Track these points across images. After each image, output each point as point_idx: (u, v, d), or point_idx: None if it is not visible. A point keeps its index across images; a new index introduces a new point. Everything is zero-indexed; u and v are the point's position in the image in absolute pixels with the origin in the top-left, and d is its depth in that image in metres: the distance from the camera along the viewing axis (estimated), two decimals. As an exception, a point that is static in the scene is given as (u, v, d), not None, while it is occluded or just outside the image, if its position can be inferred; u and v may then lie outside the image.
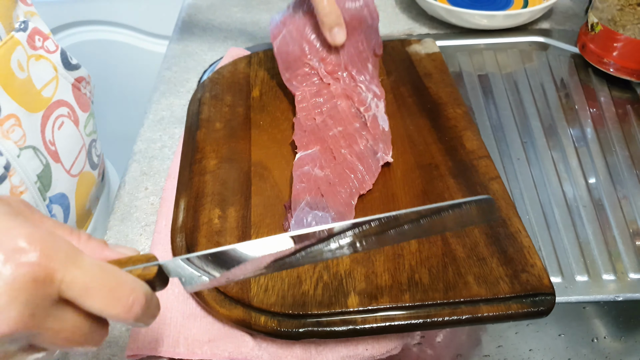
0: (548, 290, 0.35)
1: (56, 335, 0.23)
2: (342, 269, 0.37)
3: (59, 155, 0.41)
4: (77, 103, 0.44)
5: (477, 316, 0.35)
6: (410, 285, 0.36)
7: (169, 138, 0.53)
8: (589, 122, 0.52)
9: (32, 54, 0.39)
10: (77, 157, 0.44)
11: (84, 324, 0.24)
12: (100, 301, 0.23)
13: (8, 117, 0.36)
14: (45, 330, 0.23)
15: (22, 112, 0.37)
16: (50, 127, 0.40)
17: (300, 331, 0.35)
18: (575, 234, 0.43)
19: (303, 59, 0.49)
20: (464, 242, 0.38)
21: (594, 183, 0.47)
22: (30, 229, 0.22)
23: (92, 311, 0.23)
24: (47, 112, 0.40)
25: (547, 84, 0.57)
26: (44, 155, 0.40)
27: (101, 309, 0.23)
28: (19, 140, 0.37)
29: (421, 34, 0.65)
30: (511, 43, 0.63)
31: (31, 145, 0.38)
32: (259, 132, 0.49)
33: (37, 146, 0.39)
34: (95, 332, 0.25)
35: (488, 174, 0.43)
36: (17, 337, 0.22)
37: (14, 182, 0.37)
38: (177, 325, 0.37)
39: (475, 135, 0.47)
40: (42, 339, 0.23)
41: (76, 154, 0.44)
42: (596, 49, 0.56)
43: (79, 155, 0.44)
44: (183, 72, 0.61)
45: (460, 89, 0.56)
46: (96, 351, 0.38)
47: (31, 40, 0.39)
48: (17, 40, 0.38)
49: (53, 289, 0.22)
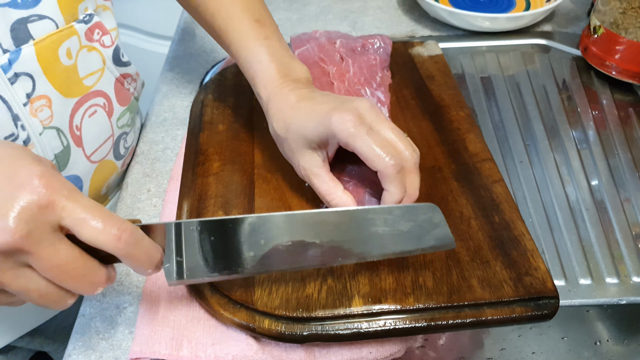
0: (552, 293, 0.35)
1: (50, 261, 0.26)
2: (346, 272, 0.37)
3: (82, 141, 0.43)
4: (116, 96, 0.45)
5: (481, 319, 0.35)
6: (415, 288, 0.36)
7: (171, 140, 0.53)
8: (591, 124, 0.53)
9: (86, 45, 0.41)
10: (101, 146, 0.45)
11: (77, 257, 0.27)
12: (93, 229, 0.27)
13: (40, 97, 0.38)
14: (39, 251, 0.26)
15: (55, 95, 0.39)
16: (81, 113, 0.41)
17: (305, 334, 0.35)
18: (578, 237, 0.43)
19: (320, 63, 0.52)
20: (468, 245, 0.38)
21: (596, 185, 0.47)
22: (44, 168, 0.26)
23: (85, 238, 0.27)
24: (83, 99, 0.42)
25: (549, 87, 0.57)
26: (66, 137, 0.41)
27: (93, 235, 0.27)
28: (46, 119, 0.39)
29: (424, 36, 0.65)
30: (513, 45, 0.63)
31: (56, 126, 0.40)
32: (262, 134, 0.49)
33: (62, 128, 0.40)
34: (89, 270, 0.28)
35: (491, 176, 0.43)
36: (11, 250, 0.25)
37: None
38: (181, 328, 0.37)
39: (478, 138, 0.47)
40: (37, 264, 0.26)
41: (101, 143, 0.45)
42: (598, 51, 0.56)
43: (104, 144, 0.45)
44: (185, 74, 0.61)
45: (463, 91, 0.56)
46: (99, 354, 0.38)
47: (90, 33, 0.41)
48: (75, 31, 0.39)
49: (53, 216, 0.26)
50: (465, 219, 0.40)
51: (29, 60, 0.37)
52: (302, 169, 0.40)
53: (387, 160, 0.35)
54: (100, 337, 0.38)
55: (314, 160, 0.39)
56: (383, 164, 0.35)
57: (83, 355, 0.37)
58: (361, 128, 0.35)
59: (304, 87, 0.41)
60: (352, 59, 0.52)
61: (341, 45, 0.54)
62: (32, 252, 0.26)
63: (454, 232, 0.39)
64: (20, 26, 0.36)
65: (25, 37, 0.36)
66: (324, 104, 0.38)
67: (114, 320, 0.39)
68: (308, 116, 0.38)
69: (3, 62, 0.36)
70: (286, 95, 0.40)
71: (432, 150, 0.46)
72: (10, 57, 0.36)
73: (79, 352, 0.38)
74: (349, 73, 0.51)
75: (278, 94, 0.41)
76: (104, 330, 0.39)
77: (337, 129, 0.36)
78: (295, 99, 0.40)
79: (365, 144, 0.35)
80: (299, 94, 0.40)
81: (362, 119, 0.36)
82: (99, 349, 0.38)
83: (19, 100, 0.37)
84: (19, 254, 0.26)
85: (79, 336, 0.39)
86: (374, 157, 0.35)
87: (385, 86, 0.51)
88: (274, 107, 0.41)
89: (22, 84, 0.37)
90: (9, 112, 0.37)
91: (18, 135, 0.38)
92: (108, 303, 0.40)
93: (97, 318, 0.39)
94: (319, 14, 0.70)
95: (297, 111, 0.39)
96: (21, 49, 0.36)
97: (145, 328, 0.37)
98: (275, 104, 0.41)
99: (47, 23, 0.37)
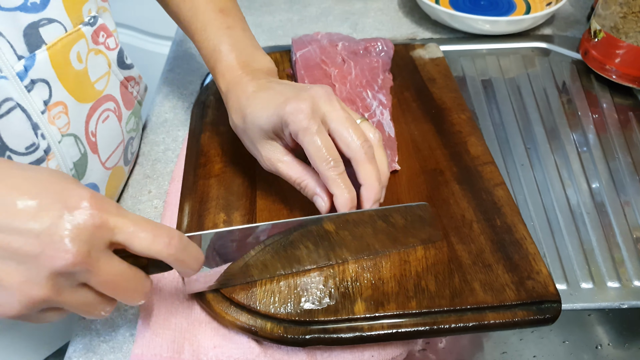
0: (554, 297, 0.36)
1: (106, 276, 0.28)
2: (348, 276, 0.37)
3: (98, 147, 0.42)
4: (122, 100, 0.45)
5: (483, 323, 0.35)
6: (417, 292, 0.36)
7: (172, 141, 0.53)
8: (592, 127, 0.53)
9: (93, 48, 0.40)
10: (114, 151, 0.45)
11: (128, 271, 0.29)
12: (145, 240, 0.29)
13: (57, 104, 0.37)
14: (97, 268, 0.28)
15: (71, 101, 0.38)
16: (96, 119, 0.41)
17: (307, 338, 0.34)
18: (579, 241, 0.43)
19: (321, 65, 0.52)
20: (470, 249, 0.39)
21: (596, 188, 0.47)
22: (88, 191, 0.28)
23: (138, 250, 0.29)
24: (96, 104, 0.41)
25: (549, 90, 0.57)
26: (83, 144, 0.40)
27: (146, 246, 0.29)
28: (63, 127, 0.38)
29: (424, 38, 0.65)
30: (514, 48, 0.63)
31: (73, 133, 0.39)
32: (263, 136, 0.49)
33: (79, 135, 0.40)
34: (138, 282, 0.30)
35: (493, 180, 0.44)
36: (74, 270, 0.27)
37: (51, 165, 0.38)
38: (182, 331, 0.37)
39: (480, 141, 0.47)
40: (94, 280, 0.28)
41: (114, 148, 0.45)
42: (598, 55, 0.57)
43: (117, 149, 0.45)
44: (186, 74, 0.61)
45: (464, 94, 0.56)
46: (99, 356, 0.37)
47: (95, 36, 0.40)
48: (82, 34, 0.39)
49: (106, 234, 0.28)
50: (467, 222, 0.40)
51: (44, 66, 0.36)
52: (265, 160, 0.39)
53: (324, 165, 0.35)
54: (100, 339, 0.38)
55: (275, 149, 0.38)
56: (322, 168, 0.35)
57: (84, 357, 0.37)
58: (313, 123, 0.35)
59: (263, 77, 0.40)
60: (354, 62, 0.52)
61: (343, 48, 0.54)
62: (92, 269, 0.28)
63: (456, 236, 0.39)
64: (32, 31, 0.35)
65: (38, 42, 0.36)
66: (279, 94, 0.37)
67: (115, 322, 0.39)
68: (263, 106, 0.37)
69: (19, 69, 0.35)
70: (244, 86, 0.40)
71: (434, 153, 0.46)
72: (26, 63, 0.35)
73: (79, 354, 0.37)
74: (351, 75, 0.51)
75: (237, 84, 0.40)
76: (105, 333, 0.39)
77: (289, 119, 0.35)
78: (252, 89, 0.39)
79: (311, 143, 0.35)
80: (257, 84, 0.39)
81: (316, 110, 0.35)
82: (99, 351, 0.38)
83: (37, 108, 0.36)
84: (79, 273, 0.27)
85: (79, 338, 0.38)
86: (316, 159, 0.35)
87: (387, 89, 0.51)
88: (232, 98, 0.40)
89: (39, 91, 0.36)
90: (29, 121, 0.36)
91: (39, 144, 0.37)
92: (109, 305, 0.40)
93: (98, 320, 0.39)
94: (319, 16, 0.70)
95: (253, 101, 0.38)
96: (35, 54, 0.35)
97: (147, 331, 0.37)
98: (233, 95, 0.40)
99: (56, 27, 0.37)
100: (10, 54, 0.34)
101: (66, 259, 0.26)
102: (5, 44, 0.34)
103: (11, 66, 0.34)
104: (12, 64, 0.34)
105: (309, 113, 0.35)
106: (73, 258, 0.26)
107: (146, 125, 0.55)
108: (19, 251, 0.26)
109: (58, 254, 0.26)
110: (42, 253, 0.26)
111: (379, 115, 0.48)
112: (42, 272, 0.26)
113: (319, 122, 0.36)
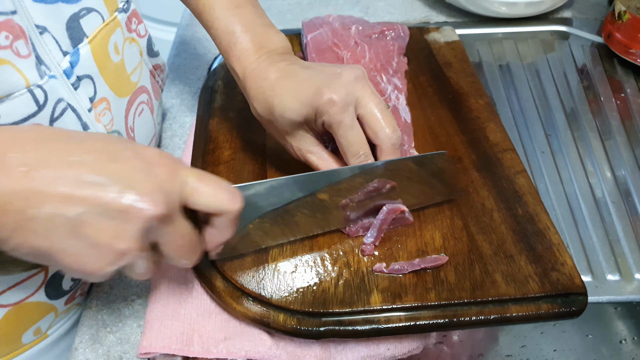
0: (580, 290, 0.34)
1: (180, 231, 0.28)
2: (363, 266, 0.36)
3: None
4: (152, 90, 0.43)
5: (506, 316, 0.33)
6: (436, 283, 0.34)
7: (179, 127, 0.51)
8: (615, 114, 0.51)
9: (127, 37, 0.38)
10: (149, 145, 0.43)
11: (193, 230, 0.29)
12: (208, 194, 0.29)
13: (101, 100, 0.36)
14: (175, 223, 0.28)
15: (112, 96, 0.37)
16: (133, 113, 0.40)
17: (321, 330, 0.33)
18: (604, 231, 0.41)
19: (333, 48, 0.50)
20: (491, 239, 0.37)
21: (621, 177, 0.45)
22: (156, 149, 0.29)
23: (200, 203, 0.29)
24: (132, 97, 0.40)
25: (570, 75, 0.55)
26: None
27: (212, 198, 0.29)
28: (108, 124, 0.37)
29: (438, 22, 0.63)
30: (532, 32, 0.61)
31: (116, 130, 0.38)
32: (274, 121, 0.47)
33: (121, 131, 0.39)
34: (197, 243, 0.30)
35: (513, 167, 0.42)
36: (158, 225, 0.27)
37: None
38: (191, 322, 0.35)
39: (499, 127, 0.45)
40: (167, 237, 0.28)
41: (148, 143, 0.43)
42: (623, 38, 0.54)
43: (150, 144, 0.44)
44: (193, 59, 0.59)
45: (481, 79, 0.54)
46: (106, 348, 0.36)
47: (129, 22, 0.39)
48: (118, 22, 0.37)
49: (179, 186, 0.28)
50: (487, 211, 0.39)
51: (87, 61, 0.34)
52: (296, 150, 0.38)
53: (355, 159, 0.36)
54: (107, 330, 0.37)
55: (306, 140, 0.38)
56: (352, 161, 0.36)
57: (90, 349, 0.36)
58: (347, 116, 0.35)
59: (282, 60, 0.38)
60: (368, 45, 0.50)
61: (357, 31, 0.52)
62: (172, 222, 0.28)
63: (476, 225, 0.38)
64: (74, 24, 0.33)
65: (80, 36, 0.34)
66: (308, 82, 0.36)
67: (122, 313, 0.38)
68: (293, 97, 0.36)
69: (65, 66, 0.33)
70: (264, 72, 0.38)
71: (452, 140, 0.44)
72: (71, 59, 0.33)
73: (85, 345, 0.36)
74: (365, 59, 0.49)
75: (255, 70, 0.38)
76: (112, 324, 0.37)
77: (324, 111, 0.35)
78: (274, 75, 0.37)
79: (344, 137, 0.35)
80: (278, 68, 0.37)
81: (349, 100, 0.35)
82: (106, 342, 0.36)
83: (84, 107, 0.34)
84: (159, 228, 0.27)
85: (85, 329, 0.37)
86: (347, 152, 0.36)
87: (402, 72, 0.49)
88: (253, 85, 0.38)
89: (85, 88, 0.34)
90: (79, 120, 0.34)
91: None
92: (115, 295, 0.39)
93: (105, 311, 0.38)
94: (330, -1, 0.68)
95: (279, 90, 0.36)
96: (79, 49, 0.34)
97: (155, 322, 0.36)
98: (254, 82, 0.38)
99: (95, 16, 0.35)
100: (56, 50, 0.32)
101: (155, 210, 0.26)
102: (51, 40, 0.32)
103: (58, 64, 0.32)
104: (58, 62, 0.32)
105: (344, 105, 0.35)
106: (161, 209, 0.26)
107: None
108: (110, 206, 0.25)
109: (147, 207, 0.26)
110: (131, 207, 0.26)
111: (394, 100, 0.46)
112: (132, 226, 0.26)
113: (352, 114, 0.35)
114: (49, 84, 0.32)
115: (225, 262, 0.36)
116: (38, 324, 0.38)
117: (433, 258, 0.35)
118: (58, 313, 0.39)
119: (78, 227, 0.25)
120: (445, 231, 0.38)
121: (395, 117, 0.45)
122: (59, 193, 0.25)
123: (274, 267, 0.36)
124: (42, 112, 0.31)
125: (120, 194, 0.25)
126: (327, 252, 0.37)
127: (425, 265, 0.35)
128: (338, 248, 0.37)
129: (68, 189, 0.25)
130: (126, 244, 0.26)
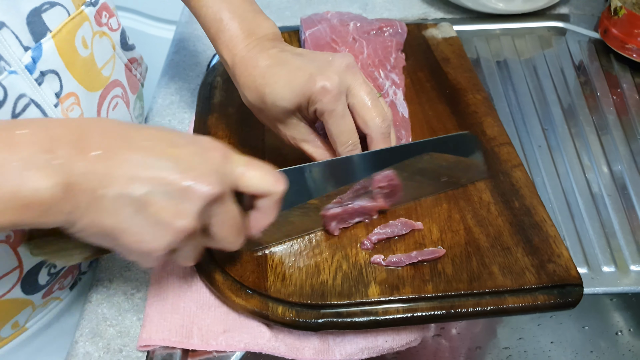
0: (576, 281, 0.34)
1: (231, 212, 0.30)
2: (361, 259, 0.36)
3: None
4: (128, 84, 0.43)
5: (503, 307, 0.34)
6: (433, 275, 0.35)
7: (178, 123, 0.52)
8: (612, 109, 0.51)
9: (97, 31, 0.38)
10: None
11: (239, 213, 0.31)
12: (255, 177, 0.30)
13: (68, 95, 0.36)
14: (229, 203, 0.30)
15: (81, 91, 0.37)
16: (106, 107, 0.40)
17: (320, 322, 0.33)
18: (600, 223, 0.41)
19: (332, 44, 0.50)
20: (488, 232, 0.37)
21: (618, 171, 0.45)
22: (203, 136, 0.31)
23: (248, 185, 0.30)
24: (105, 91, 0.40)
25: (567, 70, 0.55)
26: None
27: (259, 180, 0.31)
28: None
29: (436, 18, 0.63)
30: (529, 28, 0.61)
31: None
32: (272, 117, 0.47)
33: None
34: (241, 227, 0.31)
35: (510, 161, 0.42)
36: (215, 205, 0.29)
37: None
38: (191, 315, 0.36)
39: (496, 122, 0.45)
40: (221, 217, 0.29)
41: None
42: (619, 33, 0.54)
43: None
44: (192, 56, 0.60)
45: (478, 75, 0.54)
46: (107, 341, 0.37)
47: (98, 16, 0.38)
48: (85, 16, 0.37)
49: (229, 169, 0.30)
50: (484, 204, 0.39)
51: (52, 56, 0.34)
52: (290, 138, 0.39)
53: (343, 148, 0.37)
54: (107, 323, 0.37)
55: (299, 128, 0.38)
56: (341, 150, 0.37)
57: (90, 342, 0.36)
58: (339, 104, 0.35)
59: (272, 46, 0.38)
60: (366, 41, 0.50)
61: (355, 28, 0.52)
62: (226, 201, 0.29)
63: (473, 218, 0.38)
64: (35, 18, 0.33)
65: (43, 30, 0.34)
66: (300, 70, 0.36)
67: (122, 306, 0.38)
68: (285, 85, 0.36)
69: (27, 61, 0.33)
70: (254, 59, 0.37)
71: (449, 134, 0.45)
72: (33, 54, 0.33)
73: (86, 338, 0.37)
74: (363, 55, 0.49)
75: (245, 58, 0.38)
76: (112, 317, 0.38)
77: (316, 99, 0.35)
78: (265, 62, 0.37)
79: (335, 126, 0.36)
80: (268, 56, 0.37)
81: (341, 88, 0.35)
82: (106, 336, 0.37)
83: (49, 102, 0.34)
84: (214, 208, 0.29)
85: (85, 322, 0.37)
86: (337, 141, 0.37)
87: (400, 68, 0.50)
88: (243, 73, 0.38)
89: (50, 84, 0.34)
90: (43, 116, 0.34)
91: None
92: (115, 289, 0.39)
93: (105, 304, 0.38)
94: (328, -4, 0.68)
95: (270, 78, 0.37)
96: (41, 43, 0.33)
97: (154, 315, 0.36)
98: (244, 70, 0.38)
99: (59, 10, 0.35)
100: (16, 45, 0.32)
101: (212, 190, 0.28)
102: (10, 35, 0.32)
103: (19, 59, 0.32)
104: (19, 57, 0.32)
105: (337, 94, 0.35)
106: (216, 190, 0.28)
107: (152, 108, 0.54)
108: (172, 186, 0.27)
109: (205, 187, 0.28)
110: (191, 187, 0.27)
111: (392, 95, 0.46)
112: (191, 205, 0.28)
113: (344, 102, 0.36)
114: (9, 80, 0.31)
115: (225, 256, 0.36)
116: (16, 318, 0.38)
117: (430, 250, 0.36)
118: (35, 306, 0.39)
119: (142, 206, 0.27)
120: (442, 224, 0.38)
121: (393, 112, 0.45)
122: (127, 174, 0.27)
123: (273, 260, 0.36)
124: (2, 108, 0.31)
125: (181, 174, 0.27)
126: (325, 244, 0.37)
127: (423, 258, 0.35)
128: (336, 240, 0.37)
129: (134, 170, 0.27)
130: (185, 222, 0.28)
